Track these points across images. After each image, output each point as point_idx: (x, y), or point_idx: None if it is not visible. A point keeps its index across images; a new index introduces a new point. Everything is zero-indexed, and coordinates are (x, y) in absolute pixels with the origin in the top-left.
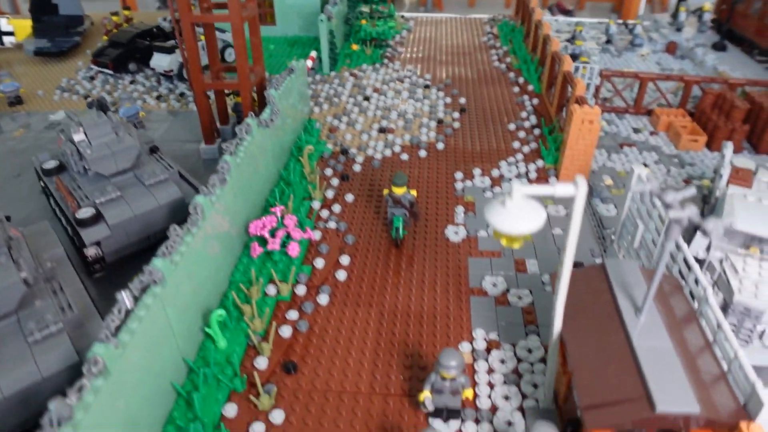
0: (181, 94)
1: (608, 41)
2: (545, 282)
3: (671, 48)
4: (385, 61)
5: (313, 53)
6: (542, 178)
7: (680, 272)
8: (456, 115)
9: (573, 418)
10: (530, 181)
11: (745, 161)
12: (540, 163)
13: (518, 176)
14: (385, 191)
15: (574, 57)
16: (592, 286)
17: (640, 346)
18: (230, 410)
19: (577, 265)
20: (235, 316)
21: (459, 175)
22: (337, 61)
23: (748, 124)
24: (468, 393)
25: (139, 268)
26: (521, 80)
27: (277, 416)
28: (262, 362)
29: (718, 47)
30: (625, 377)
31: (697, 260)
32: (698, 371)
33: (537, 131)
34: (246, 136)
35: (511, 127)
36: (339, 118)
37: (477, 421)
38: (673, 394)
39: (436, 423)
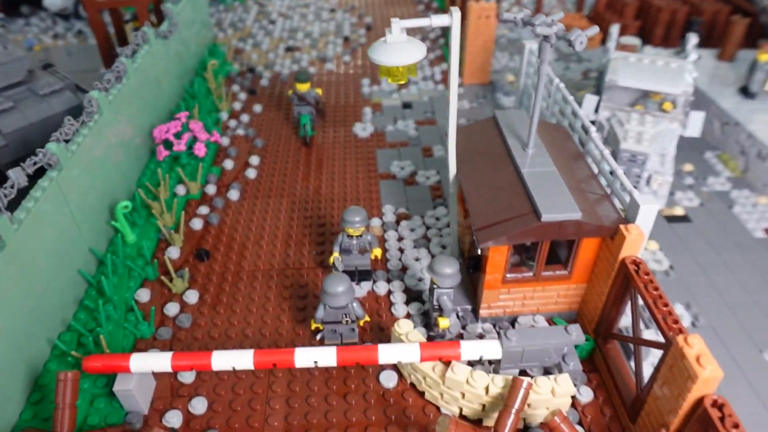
0: (79, 32)
1: None
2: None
3: None
4: None
5: None
6: (446, 79)
7: (569, 125)
8: (362, 32)
9: (474, 256)
10: (435, 82)
11: (631, 39)
12: (444, 65)
13: (424, 79)
14: (290, 91)
15: None
16: (484, 135)
17: (528, 173)
18: (143, 295)
19: None
20: (145, 214)
21: (366, 81)
22: None
23: (640, 20)
24: (376, 252)
25: None
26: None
27: (192, 296)
28: (174, 252)
29: None
30: (513, 199)
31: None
32: (584, 192)
33: (441, 41)
34: (143, 42)
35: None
36: (244, 41)
37: (388, 281)
38: (556, 205)
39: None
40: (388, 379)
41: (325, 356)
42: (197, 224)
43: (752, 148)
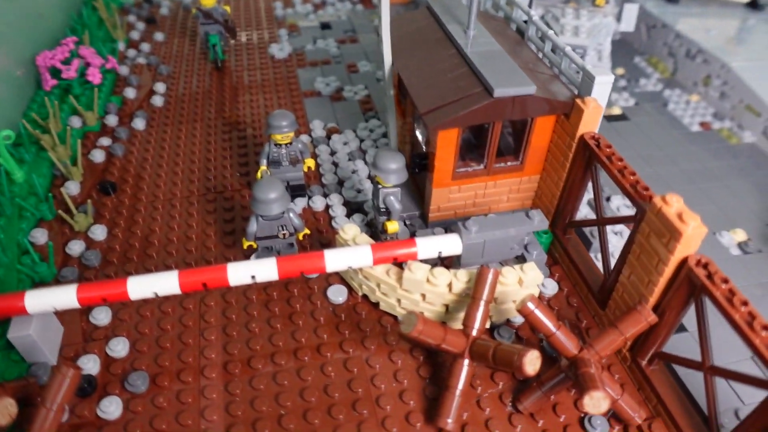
0: None
1: None
2: (380, 77)
3: None
4: None
5: None
6: None
7: (505, 15)
8: None
9: (419, 153)
10: (353, 3)
11: None
12: None
13: (341, 0)
14: (193, 9)
15: None
16: (420, 24)
17: (473, 53)
18: (39, 236)
19: None
20: (34, 150)
21: (279, 4)
22: None
23: None
24: (309, 162)
25: None
26: None
27: (99, 232)
28: (73, 187)
29: None
30: (460, 80)
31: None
32: (533, 71)
33: None
34: None
35: None
36: None
37: (325, 195)
38: (508, 79)
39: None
40: (337, 294)
41: (264, 269)
42: (98, 156)
43: (680, 48)
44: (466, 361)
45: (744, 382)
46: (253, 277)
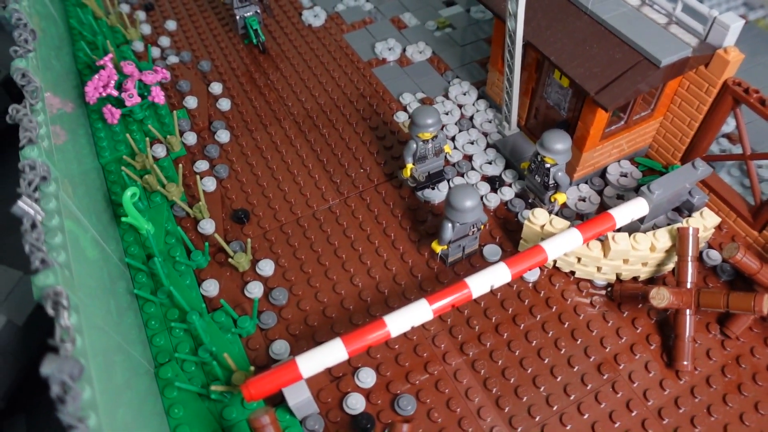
0: None
1: None
2: (431, 28)
3: None
4: None
5: None
6: None
7: None
8: None
9: (560, 122)
10: None
11: None
12: None
13: None
14: None
15: None
16: None
17: (612, 19)
18: (210, 288)
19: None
20: (141, 194)
21: None
22: None
23: None
24: (448, 149)
25: None
26: None
27: (266, 267)
28: (207, 225)
29: None
30: (613, 51)
31: None
32: (654, 23)
33: None
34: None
35: None
36: None
37: (461, 174)
38: (666, 46)
39: (428, 194)
40: (531, 274)
41: (499, 276)
42: (210, 185)
43: None
44: (688, 311)
45: None
46: (492, 286)
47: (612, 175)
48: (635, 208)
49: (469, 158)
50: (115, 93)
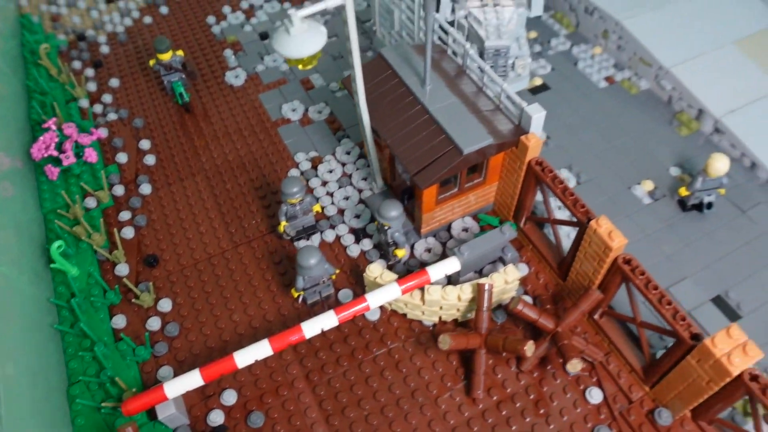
0: None
1: None
2: (334, 89)
3: None
4: None
5: None
6: None
7: (440, 38)
8: None
9: (405, 188)
10: (280, 0)
11: None
12: None
13: (267, 0)
14: (152, 62)
15: None
16: (378, 76)
17: (435, 110)
18: (119, 322)
19: None
20: (71, 241)
21: (211, 19)
22: None
23: None
24: (317, 207)
25: None
26: None
27: (165, 305)
28: (123, 269)
29: None
30: (433, 139)
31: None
32: (480, 111)
33: None
34: None
35: None
36: (55, 3)
37: (333, 227)
38: (471, 136)
39: (302, 244)
40: (373, 314)
41: (328, 320)
42: (129, 233)
43: (579, 4)
44: (482, 351)
45: (657, 331)
46: (322, 329)
47: (455, 230)
48: (449, 266)
49: (342, 212)
50: (55, 153)
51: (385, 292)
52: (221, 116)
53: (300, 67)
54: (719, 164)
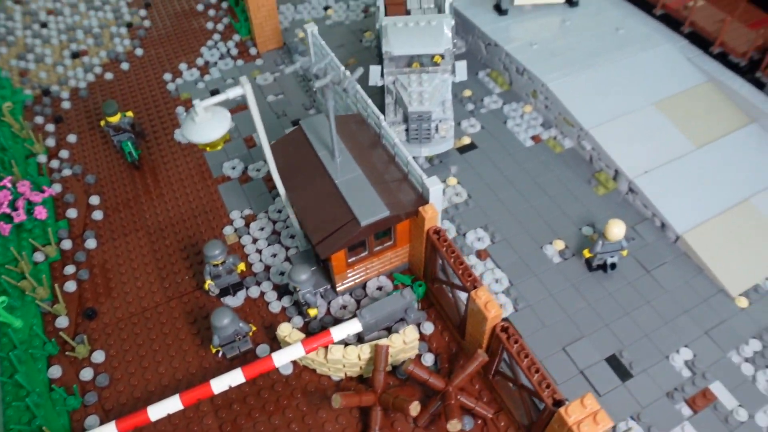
0: None
1: None
2: None
3: None
4: None
5: None
6: (243, 51)
7: (362, 109)
8: (143, 12)
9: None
10: (234, 58)
11: None
12: (237, 37)
13: (222, 57)
14: (102, 122)
15: None
16: (297, 146)
17: (340, 182)
18: (55, 372)
19: (295, 123)
20: (17, 294)
21: (168, 76)
22: None
23: None
24: (241, 266)
25: None
26: None
27: (98, 356)
28: (63, 321)
29: None
30: (336, 210)
31: (380, 87)
32: (386, 182)
33: (225, 4)
34: None
35: (200, 8)
36: (24, 58)
37: (258, 284)
38: (369, 209)
39: (228, 299)
40: (286, 369)
41: (236, 378)
42: (71, 287)
43: (511, 65)
44: (378, 408)
45: (531, 395)
46: (230, 385)
47: (369, 289)
48: (350, 327)
49: (268, 269)
50: (8, 211)
51: (290, 351)
52: (167, 173)
53: (207, 149)
54: (616, 229)
